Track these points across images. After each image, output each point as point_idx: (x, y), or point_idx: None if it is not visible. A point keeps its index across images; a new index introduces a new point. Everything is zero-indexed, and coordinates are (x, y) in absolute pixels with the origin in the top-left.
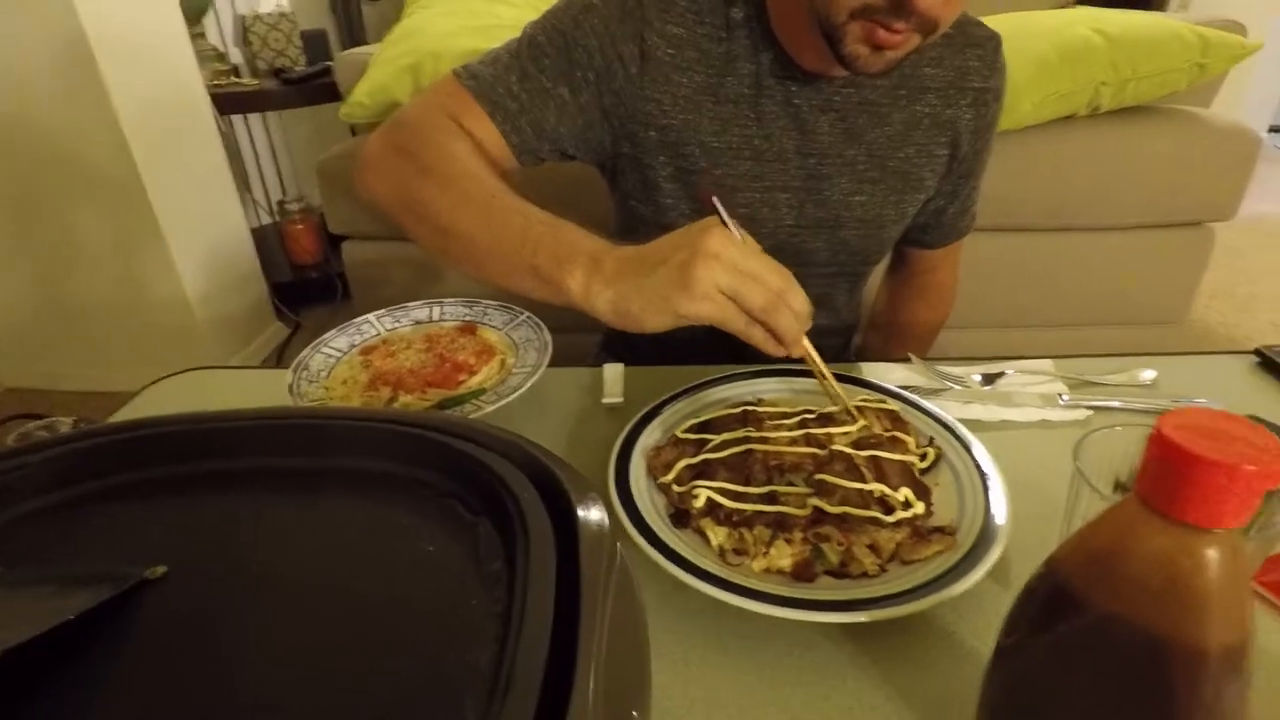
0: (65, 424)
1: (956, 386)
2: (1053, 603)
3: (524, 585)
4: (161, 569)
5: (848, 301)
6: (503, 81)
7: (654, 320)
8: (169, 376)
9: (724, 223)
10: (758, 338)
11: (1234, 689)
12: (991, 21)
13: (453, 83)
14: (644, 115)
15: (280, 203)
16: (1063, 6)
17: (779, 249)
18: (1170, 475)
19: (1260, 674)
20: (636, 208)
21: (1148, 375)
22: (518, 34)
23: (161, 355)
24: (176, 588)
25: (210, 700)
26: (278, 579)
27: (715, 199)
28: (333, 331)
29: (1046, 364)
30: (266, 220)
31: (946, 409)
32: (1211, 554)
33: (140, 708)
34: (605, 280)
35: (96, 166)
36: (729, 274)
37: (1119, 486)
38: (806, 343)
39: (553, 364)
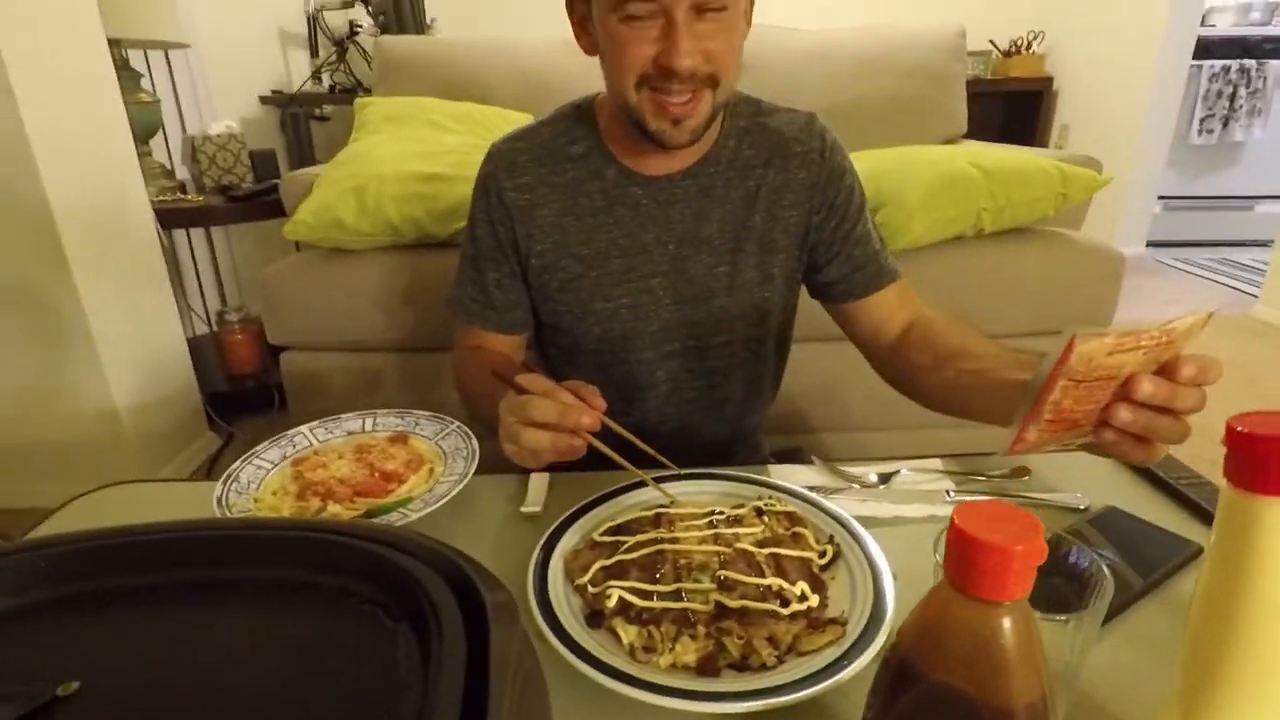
0: None
1: (855, 485)
2: (897, 675)
3: (435, 690)
4: (74, 685)
5: (751, 381)
6: (466, 294)
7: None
8: (91, 492)
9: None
10: (546, 455)
11: None
12: (882, 154)
13: (451, 317)
14: (526, 250)
15: (220, 313)
16: (949, 141)
17: (668, 326)
18: (964, 558)
19: None
20: (547, 325)
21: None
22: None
23: (89, 467)
24: (91, 704)
25: None
26: (193, 693)
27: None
28: (265, 443)
29: (936, 463)
30: (204, 330)
31: (845, 506)
32: (1005, 623)
33: None
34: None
35: (27, 275)
36: (503, 430)
37: None
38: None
39: (487, 471)
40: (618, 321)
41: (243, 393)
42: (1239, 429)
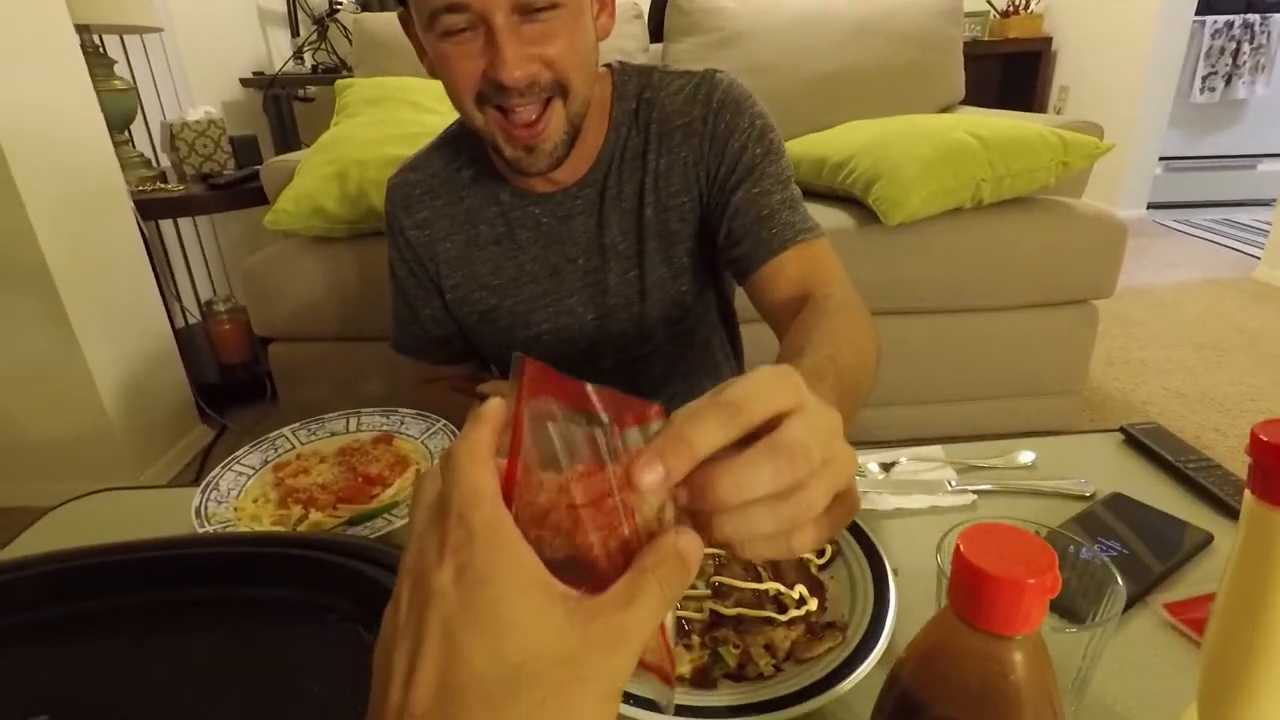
0: None
1: (855, 477)
2: (899, 705)
3: None
4: (43, 719)
5: (694, 375)
6: (407, 332)
7: None
8: (74, 500)
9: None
10: None
11: None
12: (878, 125)
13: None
14: (441, 285)
15: (208, 303)
16: (947, 107)
17: (597, 341)
18: (971, 590)
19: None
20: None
21: (1026, 457)
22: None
23: (79, 465)
24: None
25: None
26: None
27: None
28: (246, 448)
29: (937, 450)
30: (194, 320)
31: None
32: (1016, 657)
33: None
34: None
35: (6, 273)
36: None
37: None
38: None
39: None
40: (542, 347)
41: (234, 383)
42: (1264, 439)
